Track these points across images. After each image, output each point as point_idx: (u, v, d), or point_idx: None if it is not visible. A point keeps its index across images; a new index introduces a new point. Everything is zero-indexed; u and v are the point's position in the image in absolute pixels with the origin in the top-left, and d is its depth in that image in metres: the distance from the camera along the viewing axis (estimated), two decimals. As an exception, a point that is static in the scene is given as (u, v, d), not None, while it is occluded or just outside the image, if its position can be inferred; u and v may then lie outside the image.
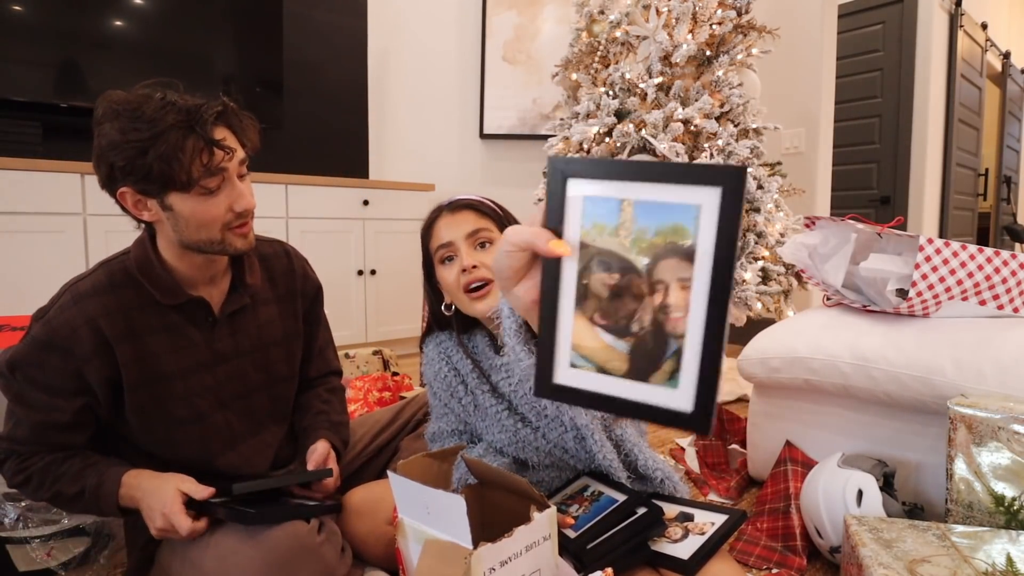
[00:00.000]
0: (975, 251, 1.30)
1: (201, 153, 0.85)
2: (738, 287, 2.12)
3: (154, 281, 0.94)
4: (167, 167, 0.83)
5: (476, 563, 0.72)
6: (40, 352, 0.89)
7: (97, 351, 0.89)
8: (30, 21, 2.33)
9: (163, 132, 0.82)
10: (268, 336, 1.07)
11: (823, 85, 2.99)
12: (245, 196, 0.92)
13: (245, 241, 0.95)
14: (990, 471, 1.06)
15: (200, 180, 0.86)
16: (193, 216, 0.89)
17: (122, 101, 0.84)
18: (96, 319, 0.89)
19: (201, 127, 0.84)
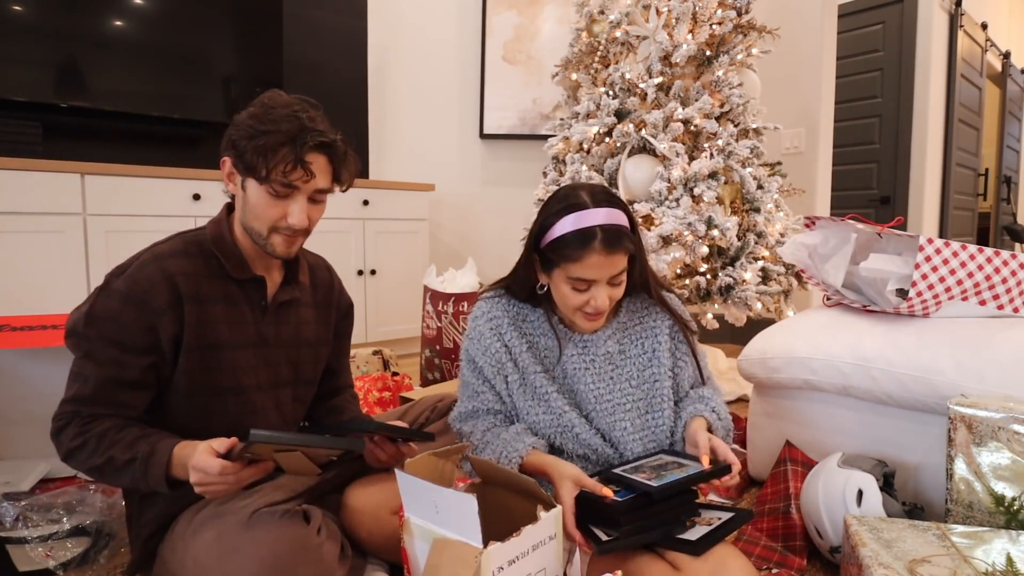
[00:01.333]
0: (975, 251, 1.30)
1: (287, 163, 0.95)
2: (738, 287, 2.12)
3: (226, 253, 1.02)
4: (257, 158, 0.94)
5: (486, 562, 0.72)
6: (118, 304, 0.93)
7: (171, 306, 0.95)
8: (30, 21, 2.33)
9: (271, 132, 0.94)
10: (303, 335, 1.14)
11: (823, 85, 2.99)
12: (299, 215, 0.99)
13: (287, 250, 1.03)
14: (990, 471, 1.07)
15: (273, 182, 0.96)
16: (255, 205, 0.99)
17: (271, 97, 0.99)
18: (173, 276, 0.96)
19: (300, 145, 0.95)
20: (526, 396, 1.11)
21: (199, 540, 0.90)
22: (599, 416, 1.09)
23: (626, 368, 1.10)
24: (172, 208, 2.42)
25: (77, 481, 1.47)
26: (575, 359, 1.10)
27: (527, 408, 1.11)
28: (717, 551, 0.90)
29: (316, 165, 0.98)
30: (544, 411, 1.09)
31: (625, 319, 1.13)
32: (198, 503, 0.99)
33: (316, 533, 0.92)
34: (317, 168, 0.98)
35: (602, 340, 1.10)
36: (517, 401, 1.11)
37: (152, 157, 2.70)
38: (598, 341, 1.10)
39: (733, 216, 2.15)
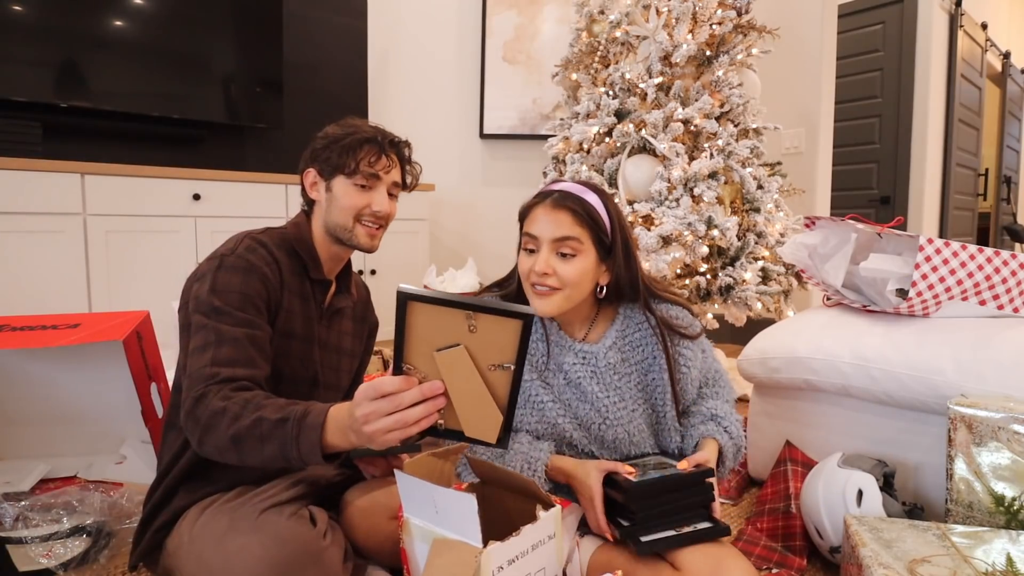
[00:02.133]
0: (975, 251, 1.30)
1: (371, 154, 1.09)
2: (738, 287, 2.12)
3: (308, 253, 1.12)
4: (345, 156, 1.07)
5: (486, 562, 0.72)
6: (240, 277, 0.99)
7: (278, 287, 1.04)
8: (30, 21, 2.33)
9: (355, 133, 1.09)
10: (344, 344, 1.22)
11: (823, 85, 2.99)
12: (385, 203, 1.12)
13: (370, 242, 1.13)
14: (990, 471, 1.07)
15: (361, 172, 1.08)
16: (343, 198, 1.09)
17: (346, 119, 1.15)
18: (278, 261, 1.06)
19: (382, 139, 1.11)
20: (519, 404, 1.09)
21: (205, 536, 0.90)
22: (610, 426, 1.07)
23: (632, 377, 1.09)
24: (172, 208, 2.42)
25: (77, 481, 1.47)
26: (578, 368, 1.08)
27: (519, 416, 1.09)
28: (717, 552, 0.89)
29: (395, 161, 1.13)
30: (537, 420, 1.08)
31: (623, 327, 1.11)
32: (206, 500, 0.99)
33: (322, 537, 0.92)
34: (395, 163, 1.13)
35: (603, 351, 1.08)
36: None
37: (152, 157, 2.70)
38: (599, 352, 1.08)
39: (733, 216, 2.15)
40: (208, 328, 0.95)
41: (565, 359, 1.09)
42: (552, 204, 1.02)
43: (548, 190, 1.05)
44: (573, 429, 1.08)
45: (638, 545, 0.89)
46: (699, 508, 0.96)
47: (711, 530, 0.93)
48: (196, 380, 0.90)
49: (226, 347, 0.93)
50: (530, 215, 1.04)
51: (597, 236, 1.02)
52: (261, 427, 0.81)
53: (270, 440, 0.81)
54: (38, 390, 1.56)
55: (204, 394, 0.88)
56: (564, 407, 1.09)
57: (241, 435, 0.82)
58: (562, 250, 1.01)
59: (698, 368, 1.12)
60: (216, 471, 1.02)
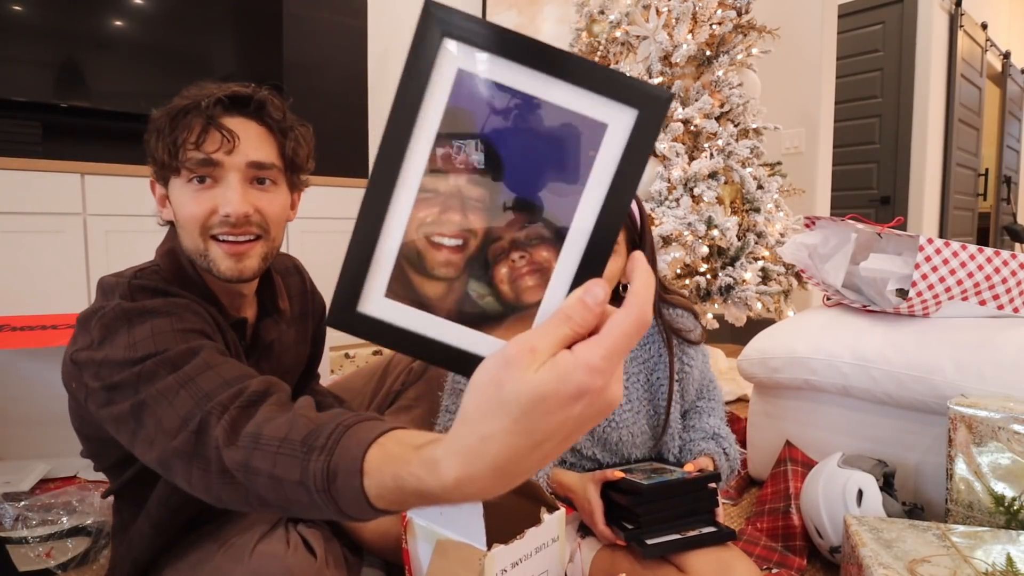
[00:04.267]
0: (975, 251, 1.30)
1: (195, 131, 0.73)
2: (738, 287, 2.12)
3: (198, 294, 0.79)
4: (161, 144, 0.74)
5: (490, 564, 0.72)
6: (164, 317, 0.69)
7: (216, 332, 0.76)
8: (30, 21, 2.33)
9: (175, 112, 0.74)
10: (285, 363, 0.98)
11: (823, 85, 2.99)
12: (232, 198, 0.74)
13: (232, 264, 0.77)
14: (990, 471, 1.07)
15: (187, 162, 0.73)
16: (178, 210, 0.77)
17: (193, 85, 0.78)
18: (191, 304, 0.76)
19: (208, 105, 0.73)
20: None
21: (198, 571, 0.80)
22: (615, 428, 1.08)
23: (639, 376, 1.10)
24: (172, 208, 2.42)
25: (77, 481, 1.47)
26: None
27: None
28: (723, 554, 0.89)
29: (242, 129, 0.75)
30: None
31: None
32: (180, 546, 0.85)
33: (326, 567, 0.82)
34: (241, 130, 0.75)
35: None
36: None
37: (152, 157, 2.70)
38: None
39: (733, 216, 2.15)
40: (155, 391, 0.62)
41: None
42: None
43: None
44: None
45: (644, 548, 0.89)
46: (702, 513, 0.97)
47: (717, 534, 0.93)
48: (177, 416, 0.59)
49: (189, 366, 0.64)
50: None
51: (631, 236, 1.04)
52: (283, 490, 0.49)
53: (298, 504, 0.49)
54: (38, 390, 1.56)
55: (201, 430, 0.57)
56: None
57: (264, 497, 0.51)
58: None
59: (699, 370, 1.13)
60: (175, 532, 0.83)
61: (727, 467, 1.07)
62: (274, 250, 0.85)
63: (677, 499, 0.95)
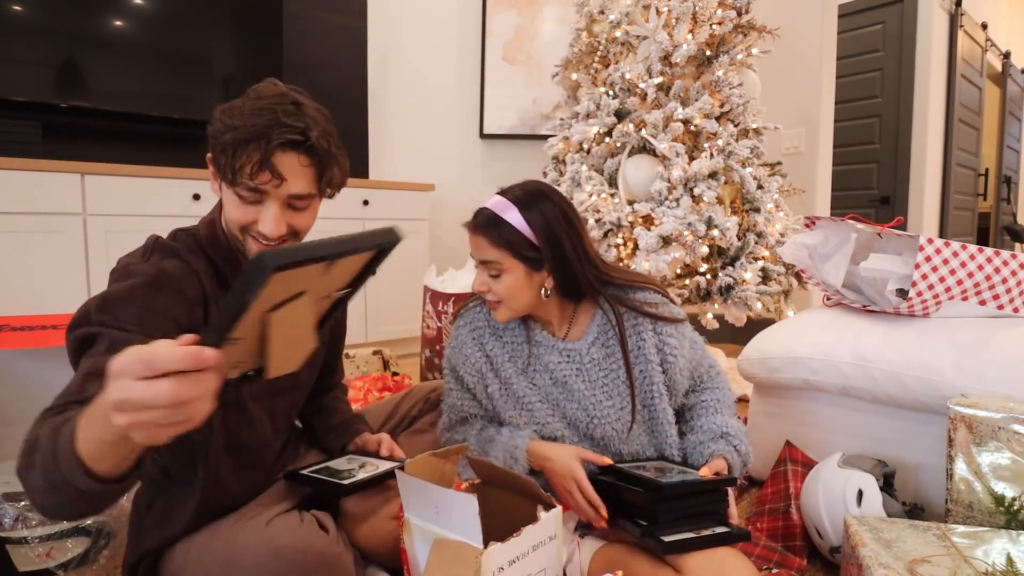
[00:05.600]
0: (975, 251, 1.30)
1: (252, 164, 0.83)
2: (738, 287, 2.12)
3: (223, 257, 0.94)
4: (223, 157, 0.85)
5: (487, 562, 0.72)
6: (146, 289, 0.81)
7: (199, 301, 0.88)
8: (30, 21, 2.33)
9: (239, 127, 0.83)
10: None
11: (823, 85, 2.99)
12: (271, 224, 0.87)
13: None
14: (990, 471, 1.07)
15: (239, 186, 0.85)
16: (228, 207, 0.91)
17: (259, 87, 0.88)
18: (199, 272, 0.89)
19: (267, 143, 0.83)
20: (508, 406, 1.10)
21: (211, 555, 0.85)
22: (598, 424, 1.07)
23: (620, 372, 1.09)
24: (172, 208, 2.42)
25: (77, 481, 1.47)
26: (563, 367, 1.09)
27: (511, 417, 1.10)
28: (719, 553, 0.89)
29: (287, 167, 0.85)
30: (527, 420, 1.09)
31: (603, 321, 1.10)
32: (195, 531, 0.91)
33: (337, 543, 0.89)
34: (289, 170, 0.86)
35: (585, 347, 1.09)
36: (500, 410, 1.11)
37: (152, 157, 2.70)
38: (582, 349, 1.09)
39: (733, 216, 2.15)
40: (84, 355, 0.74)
41: (550, 359, 1.10)
42: (472, 228, 1.07)
43: (478, 210, 1.08)
44: (563, 428, 1.09)
45: (660, 545, 0.89)
46: (714, 514, 0.97)
47: (731, 534, 0.93)
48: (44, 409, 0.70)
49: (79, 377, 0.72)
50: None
51: (518, 253, 1.04)
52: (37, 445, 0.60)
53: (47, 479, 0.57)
54: (38, 390, 1.56)
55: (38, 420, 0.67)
56: (552, 407, 1.09)
57: (22, 461, 0.62)
58: (489, 271, 1.06)
59: (686, 357, 1.10)
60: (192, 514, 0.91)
61: (739, 463, 1.06)
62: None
63: (694, 499, 0.96)
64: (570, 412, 1.09)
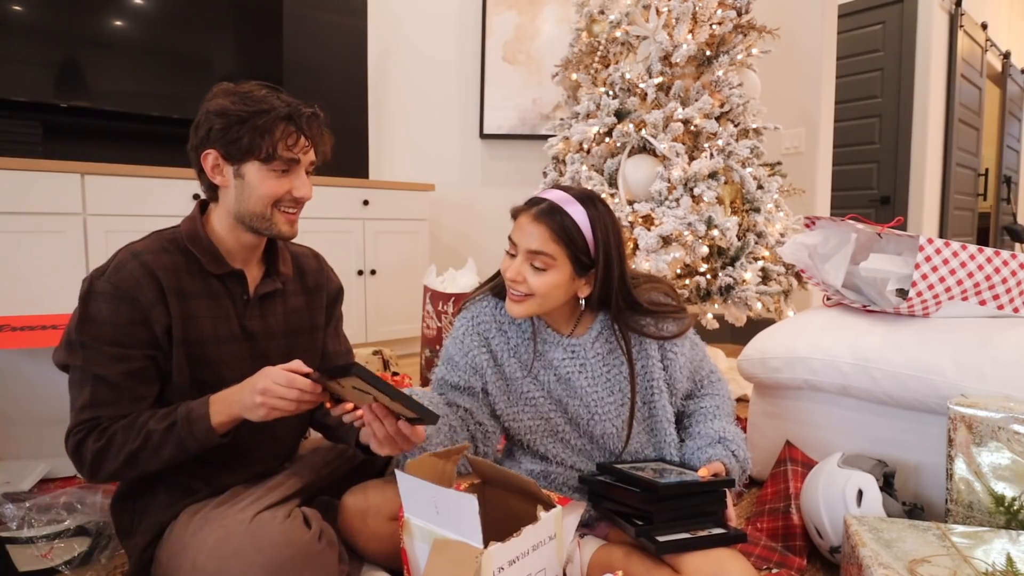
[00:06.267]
0: (975, 251, 1.30)
1: (289, 136, 0.98)
2: (738, 287, 2.12)
3: (201, 249, 1.02)
4: (258, 139, 0.96)
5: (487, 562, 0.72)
6: (108, 305, 0.93)
7: (158, 300, 0.96)
8: (30, 21, 2.33)
9: (266, 111, 0.96)
10: (295, 324, 1.13)
11: (823, 85, 2.99)
12: (306, 186, 1.03)
13: (290, 228, 1.04)
14: (990, 471, 1.07)
15: (279, 158, 0.98)
16: (259, 186, 0.99)
17: (235, 86, 0.99)
18: (155, 271, 0.97)
19: (298, 117, 0.98)
20: (510, 402, 1.10)
21: (199, 543, 0.90)
22: (598, 421, 1.08)
23: (621, 367, 1.09)
24: (172, 208, 2.42)
25: (77, 481, 1.47)
26: (567, 362, 1.09)
27: (511, 413, 1.10)
28: (718, 553, 0.89)
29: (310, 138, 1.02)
30: (530, 416, 1.09)
31: (607, 318, 1.10)
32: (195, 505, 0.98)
33: (317, 540, 0.92)
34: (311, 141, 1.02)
35: (590, 342, 1.09)
36: (500, 405, 1.10)
37: (152, 157, 2.70)
38: (586, 343, 1.09)
39: (733, 216, 2.15)
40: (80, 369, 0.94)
41: (554, 355, 1.10)
42: (534, 215, 1.02)
43: (538, 197, 1.05)
44: (564, 424, 1.09)
45: (656, 545, 0.89)
46: (712, 515, 0.97)
47: (728, 536, 0.93)
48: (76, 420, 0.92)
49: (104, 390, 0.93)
50: (517, 219, 1.05)
51: (574, 254, 1.01)
52: (151, 440, 0.90)
53: (165, 446, 0.91)
54: (38, 390, 1.56)
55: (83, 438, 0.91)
56: (555, 403, 1.09)
57: (134, 454, 0.90)
58: (534, 263, 1.01)
59: (686, 355, 1.11)
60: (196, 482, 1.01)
61: (738, 468, 1.06)
62: None
63: (690, 500, 0.96)
64: (572, 408, 1.09)
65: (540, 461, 1.12)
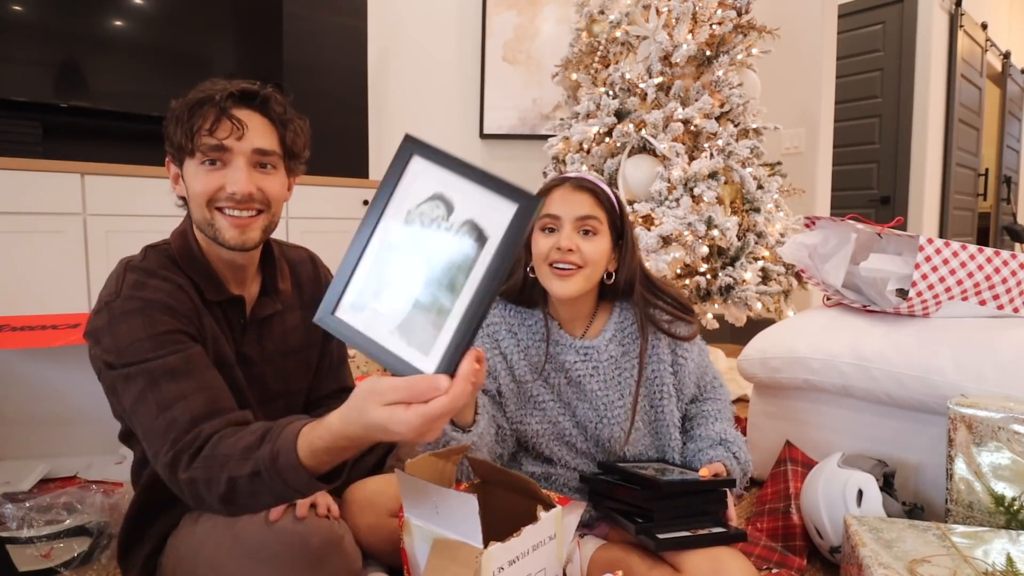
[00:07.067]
0: (975, 251, 1.30)
1: (210, 119, 0.85)
2: (738, 287, 2.12)
3: (199, 273, 0.92)
4: (180, 129, 0.86)
5: (487, 562, 0.72)
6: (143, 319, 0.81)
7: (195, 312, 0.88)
8: (30, 21, 2.33)
9: (191, 99, 0.86)
10: (292, 344, 1.04)
11: (823, 85, 2.99)
12: (238, 179, 0.86)
13: (238, 236, 0.89)
14: (990, 471, 1.07)
15: (201, 147, 0.85)
16: (192, 185, 0.89)
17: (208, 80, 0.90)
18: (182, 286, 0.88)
19: (223, 98, 0.85)
20: (519, 404, 1.10)
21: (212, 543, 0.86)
22: (606, 424, 1.08)
23: (633, 371, 1.09)
24: (172, 208, 2.40)
25: (77, 481, 1.47)
26: (579, 366, 1.08)
27: (520, 416, 1.10)
28: (718, 552, 0.90)
29: (248, 120, 0.87)
30: (539, 420, 1.08)
31: (620, 319, 1.11)
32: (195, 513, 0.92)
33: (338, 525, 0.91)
34: (250, 123, 0.88)
35: (603, 344, 1.09)
36: (509, 408, 1.10)
37: (152, 157, 2.69)
38: (600, 345, 1.09)
39: (733, 216, 2.15)
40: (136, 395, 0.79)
41: (567, 358, 1.09)
42: (574, 185, 1.05)
43: (565, 176, 1.08)
44: (572, 427, 1.09)
45: (655, 542, 0.90)
46: (712, 514, 0.97)
47: (728, 534, 0.93)
48: (156, 440, 0.76)
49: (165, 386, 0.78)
50: (550, 197, 1.05)
51: (612, 220, 1.05)
52: (238, 487, 0.69)
53: (261, 494, 0.70)
54: (38, 390, 1.56)
55: (173, 463, 0.73)
56: (564, 406, 1.09)
57: (230, 499, 0.71)
58: (584, 227, 1.03)
59: (695, 362, 1.12)
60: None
61: (739, 470, 1.07)
62: (274, 223, 0.96)
63: (691, 498, 0.96)
64: (580, 412, 1.09)
65: (542, 463, 1.12)
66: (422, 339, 0.55)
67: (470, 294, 0.53)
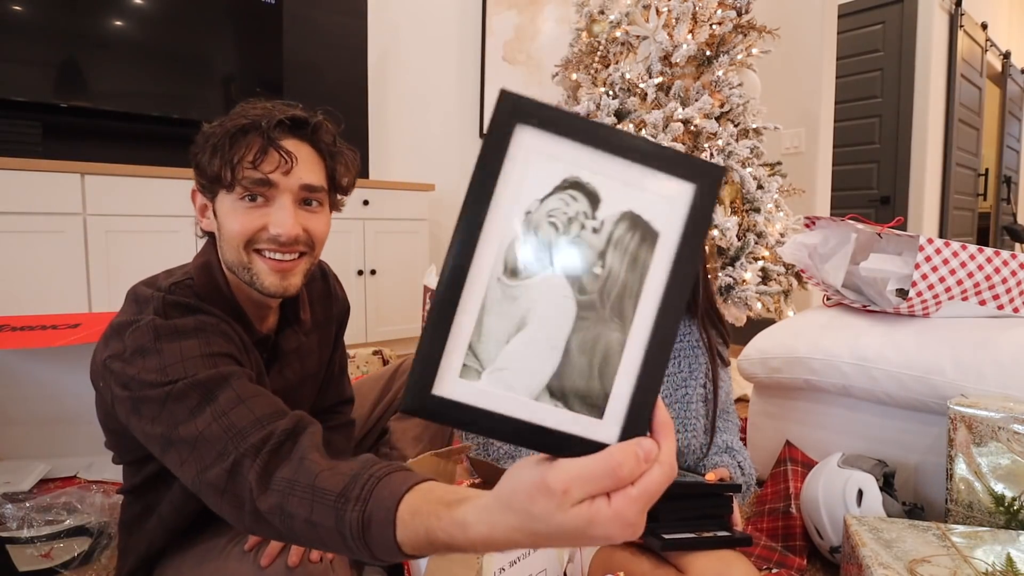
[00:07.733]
0: (975, 251, 1.30)
1: (252, 150, 0.75)
2: (738, 287, 2.12)
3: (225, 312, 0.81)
4: (218, 158, 0.75)
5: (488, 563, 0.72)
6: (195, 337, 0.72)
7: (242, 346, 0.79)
8: (30, 21, 2.33)
9: (232, 125, 0.76)
10: (308, 370, 0.98)
11: (823, 85, 2.99)
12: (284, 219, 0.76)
13: (279, 282, 0.79)
14: (990, 471, 1.07)
15: (243, 180, 0.75)
16: (227, 223, 0.78)
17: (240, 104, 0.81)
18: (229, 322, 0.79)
19: (270, 126, 0.75)
20: None
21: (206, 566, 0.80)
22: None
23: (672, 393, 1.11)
24: (172, 208, 2.42)
25: (77, 481, 1.47)
26: None
27: None
28: (723, 555, 0.89)
29: (297, 152, 0.78)
30: None
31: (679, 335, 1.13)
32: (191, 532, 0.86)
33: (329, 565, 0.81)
34: (299, 155, 0.78)
35: None
36: None
37: (152, 157, 2.70)
38: None
39: (733, 216, 2.15)
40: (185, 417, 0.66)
41: None
42: None
43: None
44: None
45: (661, 542, 0.90)
46: (717, 518, 0.98)
47: (733, 539, 0.94)
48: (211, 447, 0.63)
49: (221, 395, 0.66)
50: None
51: None
52: (320, 532, 0.54)
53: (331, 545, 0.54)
54: (38, 390, 1.56)
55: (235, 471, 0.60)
56: None
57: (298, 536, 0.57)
58: None
59: (725, 390, 1.17)
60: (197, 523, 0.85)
61: (743, 480, 1.08)
62: (314, 265, 0.87)
63: (697, 501, 0.96)
64: None
65: None
66: (588, 396, 0.37)
67: (649, 317, 0.36)
